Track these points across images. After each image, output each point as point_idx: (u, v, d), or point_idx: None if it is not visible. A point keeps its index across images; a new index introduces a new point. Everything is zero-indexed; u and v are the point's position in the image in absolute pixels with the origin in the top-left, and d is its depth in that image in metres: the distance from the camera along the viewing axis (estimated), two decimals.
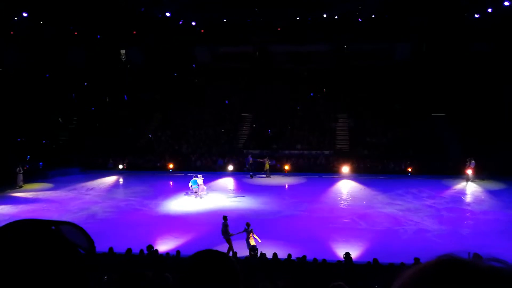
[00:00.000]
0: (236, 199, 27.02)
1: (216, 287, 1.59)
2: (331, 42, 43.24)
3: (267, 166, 32.26)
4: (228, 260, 1.68)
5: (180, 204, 25.46)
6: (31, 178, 31.08)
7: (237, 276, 1.66)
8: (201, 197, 26.05)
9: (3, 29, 40.00)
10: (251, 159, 32.70)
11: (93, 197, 27.36)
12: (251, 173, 32.29)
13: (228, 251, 16.71)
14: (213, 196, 27.21)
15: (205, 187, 26.85)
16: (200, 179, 26.04)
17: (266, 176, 32.11)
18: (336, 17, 39.60)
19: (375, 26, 39.58)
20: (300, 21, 40.36)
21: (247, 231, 17.48)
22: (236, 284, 1.63)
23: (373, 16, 39.49)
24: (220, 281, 1.61)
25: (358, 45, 42.99)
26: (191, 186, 26.03)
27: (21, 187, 29.59)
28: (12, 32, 41.28)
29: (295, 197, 27.13)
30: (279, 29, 42.23)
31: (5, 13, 37.80)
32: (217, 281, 1.61)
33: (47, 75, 43.69)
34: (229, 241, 17.59)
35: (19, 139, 36.29)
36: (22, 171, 29.87)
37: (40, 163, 34.32)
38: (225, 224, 17.74)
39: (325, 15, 39.38)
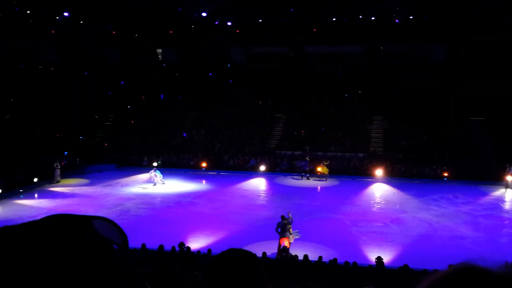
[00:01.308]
0: (268, 199, 27.05)
1: (240, 287, 1.60)
2: (367, 43, 42.76)
3: (325, 169, 31.54)
4: (254, 260, 1.69)
5: (212, 203, 25.65)
6: (68, 173, 31.86)
7: (262, 276, 1.66)
8: (155, 184, 29.33)
9: (46, 29, 41.19)
10: (302, 162, 32.43)
11: (127, 193, 27.85)
12: (307, 175, 31.86)
13: (285, 251, 16.49)
14: (245, 196, 27.32)
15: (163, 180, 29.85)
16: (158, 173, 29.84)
17: (321, 179, 31.47)
18: (372, 18, 39.14)
19: (412, 27, 38.92)
20: (336, 22, 40.08)
21: (284, 225, 17.07)
22: (261, 285, 1.63)
23: (410, 17, 38.85)
24: (245, 281, 1.61)
25: (394, 46, 42.36)
26: (155, 175, 29.58)
27: (58, 182, 30.37)
28: (53, 31, 42.47)
29: (327, 199, 26.97)
30: (314, 30, 42.03)
31: (47, 13, 38.95)
32: (241, 280, 1.61)
33: (86, 73, 44.74)
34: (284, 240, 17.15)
35: (57, 135, 37.28)
36: (59, 167, 30.61)
37: (77, 159, 35.14)
38: (284, 223, 17.33)
39: (361, 16, 38.99)
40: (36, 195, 27.80)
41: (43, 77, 43.10)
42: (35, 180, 29.40)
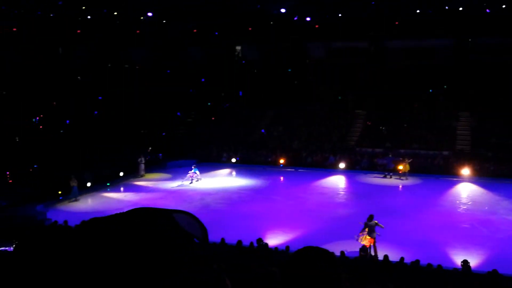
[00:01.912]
0: (347, 197, 26.68)
1: (315, 286, 1.59)
2: (454, 36, 40.79)
3: (406, 167, 30.49)
4: (332, 258, 1.66)
5: (290, 199, 25.70)
6: (151, 168, 33.20)
7: (340, 275, 1.64)
8: (191, 182, 29.41)
9: (131, 28, 43.26)
10: (384, 160, 31.72)
11: (206, 188, 28.56)
12: (390, 174, 31.05)
13: (364, 250, 16.32)
14: (323, 193, 27.13)
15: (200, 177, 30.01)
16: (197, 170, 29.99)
17: (402, 178, 30.53)
18: (460, 8, 37.27)
19: (504, 17, 36.59)
20: (420, 15, 38.59)
21: (371, 225, 16.82)
22: (337, 285, 1.61)
23: (503, 6, 36.53)
24: (322, 279, 1.59)
25: (484, 39, 40.04)
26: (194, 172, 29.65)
27: (142, 176, 31.74)
28: (138, 31, 44.52)
29: (409, 198, 26.13)
30: (396, 23, 40.77)
31: (133, 13, 40.86)
32: (319, 278, 1.60)
33: (168, 71, 46.42)
34: (374, 238, 16.94)
35: (141, 132, 38.99)
36: (144, 162, 31.97)
37: (160, 154, 36.56)
38: (371, 224, 17.02)
39: (447, 7, 37.24)
40: (121, 189, 29.27)
41: (129, 75, 45.30)
42: (121, 174, 30.97)
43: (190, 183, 29.38)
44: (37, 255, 1.14)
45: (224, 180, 31.31)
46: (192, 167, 30.08)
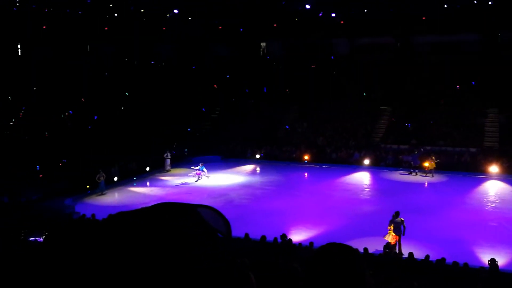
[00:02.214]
0: (371, 194, 26.45)
1: (338, 283, 1.57)
2: (482, 31, 39.94)
3: (432, 164, 29.81)
4: (355, 255, 1.65)
5: (314, 195, 25.62)
6: (177, 163, 33.49)
7: (363, 271, 1.62)
8: (197, 180, 28.90)
9: (157, 26, 43.66)
10: (410, 157, 31.32)
11: (231, 184, 28.67)
12: (416, 170, 30.56)
13: (389, 247, 16.19)
14: (348, 190, 26.96)
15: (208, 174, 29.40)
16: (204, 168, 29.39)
17: (427, 175, 30.03)
18: (490, 3, 36.47)
19: None
20: (448, 9, 37.89)
21: (397, 222, 16.62)
22: (361, 282, 1.59)
23: None
24: (346, 276, 1.58)
25: None
26: (200, 170, 29.09)
27: (168, 171, 32.05)
28: (164, 28, 44.88)
29: (435, 195, 25.76)
30: (423, 18, 40.14)
31: (159, 11, 41.25)
32: (342, 275, 1.58)
33: (193, 67, 46.70)
34: (399, 236, 16.75)
35: (168, 127, 39.32)
36: (169, 157, 32.26)
37: (185, 150, 36.86)
38: (396, 220, 16.69)
39: (475, 1, 36.48)
40: (148, 183, 29.61)
41: (155, 71, 45.76)
42: (147, 169, 31.35)
43: (196, 180, 28.99)
44: (65, 247, 1.17)
45: (248, 176, 31.35)
46: (200, 164, 29.53)
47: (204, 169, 29.24)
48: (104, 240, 1.13)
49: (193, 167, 29.79)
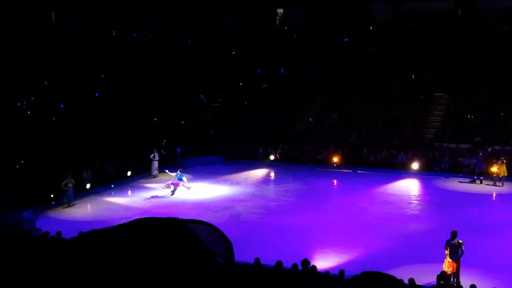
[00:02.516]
0: (421, 208, 26.39)
1: None
2: None
3: (503, 170, 29.44)
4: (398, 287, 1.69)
5: (345, 209, 25.60)
6: (167, 166, 33.41)
7: None
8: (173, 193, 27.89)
9: None
10: (472, 160, 31.16)
11: (237, 194, 28.71)
12: (480, 177, 30.34)
13: (444, 278, 16.18)
14: (390, 202, 26.93)
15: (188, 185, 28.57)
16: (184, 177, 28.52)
17: (495, 183, 29.84)
18: None
19: None
20: None
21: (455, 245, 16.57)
22: None
23: None
24: None
25: None
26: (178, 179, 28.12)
27: (156, 176, 32.08)
28: None
29: (505, 211, 25.64)
30: None
31: None
32: None
33: (190, 41, 46.62)
34: (458, 263, 16.77)
35: (155, 120, 39.33)
36: (157, 158, 32.35)
37: (178, 149, 36.85)
38: (453, 243, 16.79)
39: None
40: (129, 192, 29.75)
41: (138, 46, 45.87)
42: (129, 174, 31.49)
43: (172, 194, 27.99)
44: (21, 276, 1.21)
45: (259, 183, 31.37)
46: (178, 172, 28.51)
47: (184, 178, 28.45)
48: (73, 268, 1.18)
49: (168, 171, 29.08)
